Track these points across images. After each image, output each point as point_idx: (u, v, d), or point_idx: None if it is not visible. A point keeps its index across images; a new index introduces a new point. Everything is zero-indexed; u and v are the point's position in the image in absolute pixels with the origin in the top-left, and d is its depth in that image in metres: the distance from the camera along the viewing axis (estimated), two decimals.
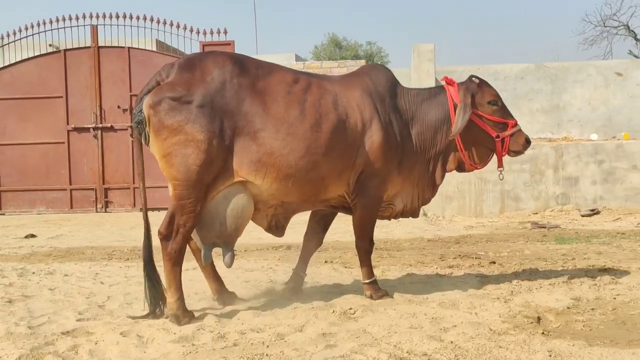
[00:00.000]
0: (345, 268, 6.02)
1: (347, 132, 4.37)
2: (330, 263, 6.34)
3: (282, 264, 6.29)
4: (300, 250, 4.91)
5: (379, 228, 8.92)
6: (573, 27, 52.58)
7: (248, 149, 4.15)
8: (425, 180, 4.72)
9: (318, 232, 4.87)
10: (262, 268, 6.09)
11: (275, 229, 4.55)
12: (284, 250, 7.19)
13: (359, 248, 4.65)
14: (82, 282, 5.56)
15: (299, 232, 4.98)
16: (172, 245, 4.14)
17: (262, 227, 4.56)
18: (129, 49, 11.81)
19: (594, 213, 9.77)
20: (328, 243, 7.70)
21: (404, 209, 4.77)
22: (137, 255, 7.10)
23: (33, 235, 8.90)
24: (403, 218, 4.87)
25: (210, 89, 4.12)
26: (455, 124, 4.58)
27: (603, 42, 23.71)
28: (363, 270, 4.65)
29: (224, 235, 4.27)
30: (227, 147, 4.12)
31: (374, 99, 4.52)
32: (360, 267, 4.68)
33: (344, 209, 4.69)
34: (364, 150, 4.41)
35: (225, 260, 4.34)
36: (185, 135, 4.05)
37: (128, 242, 8.23)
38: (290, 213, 4.55)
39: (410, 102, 4.69)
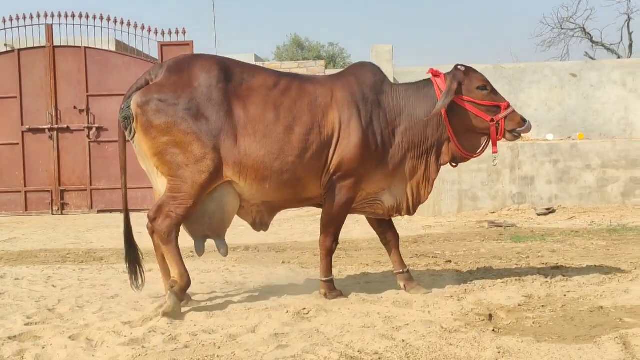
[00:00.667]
0: (302, 269, 6.01)
1: (322, 132, 4.43)
2: (288, 263, 6.33)
3: (238, 265, 6.25)
4: (389, 255, 4.97)
5: None
6: (531, 29, 53.32)
7: (231, 151, 4.30)
8: (419, 176, 4.70)
9: (386, 231, 4.92)
10: (218, 269, 6.04)
11: (260, 225, 4.65)
12: (242, 252, 7.15)
13: (321, 245, 4.66)
14: (33, 285, 5.45)
15: (257, 234, 4.96)
16: (161, 226, 4.33)
17: (247, 222, 4.68)
18: (86, 49, 11.65)
19: (550, 212, 9.92)
20: (286, 244, 7.70)
21: (399, 206, 4.74)
22: (92, 258, 7.01)
23: None
24: (400, 215, 4.85)
25: (197, 93, 4.29)
26: (436, 107, 4.55)
27: (560, 44, 24.16)
28: (321, 268, 4.66)
29: (214, 230, 4.48)
30: (213, 148, 4.27)
31: (356, 99, 4.54)
32: (320, 263, 4.68)
33: None
34: (341, 150, 4.45)
35: (222, 251, 4.56)
36: (173, 137, 4.24)
37: (83, 244, 8.11)
38: (275, 210, 4.63)
39: (398, 98, 4.68)
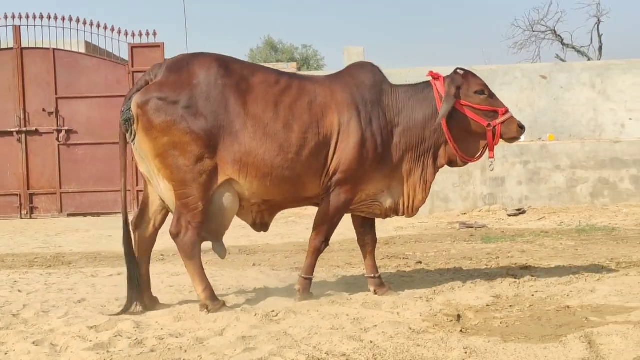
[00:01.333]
0: (273, 271, 5.99)
1: (320, 132, 4.41)
2: (258, 266, 6.31)
3: (209, 268, 6.17)
4: (363, 258, 4.92)
5: (309, 230, 8.91)
6: (503, 31, 53.78)
7: (231, 148, 4.27)
8: (416, 178, 4.68)
9: (366, 233, 4.88)
10: (187, 272, 5.97)
11: (260, 226, 4.62)
12: (212, 254, 7.07)
13: (310, 242, 4.65)
14: None
15: (227, 236, 4.91)
16: (183, 241, 4.31)
17: (247, 222, 4.64)
18: (54, 51, 11.51)
19: (520, 213, 10.01)
20: (258, 246, 7.67)
21: (396, 207, 4.71)
22: (60, 262, 6.92)
23: None
24: (398, 216, 4.83)
25: (196, 91, 4.26)
26: (440, 114, 4.54)
27: (532, 46, 24.31)
28: (305, 264, 4.65)
29: (213, 232, 4.43)
30: (213, 146, 4.24)
31: (355, 99, 4.53)
32: (305, 259, 4.68)
33: None
34: (340, 151, 4.44)
35: (220, 254, 4.55)
36: (173, 137, 4.20)
37: (52, 248, 8.00)
38: (275, 210, 4.61)
39: (398, 99, 4.66)
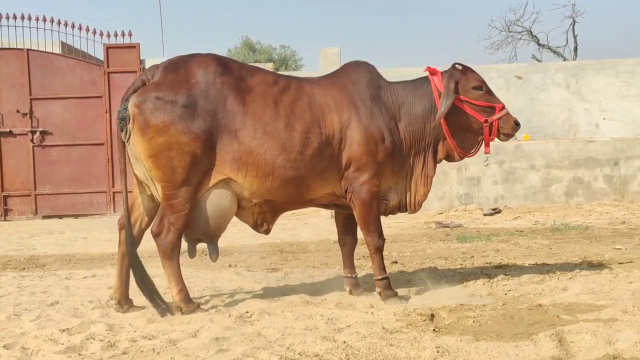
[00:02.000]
0: (249, 272, 5.98)
1: (322, 131, 4.41)
2: (234, 267, 6.29)
3: (184, 269, 6.09)
4: (342, 256, 4.94)
5: (286, 230, 8.95)
6: (480, 32, 54.13)
7: (230, 147, 4.25)
8: (418, 173, 4.69)
9: (347, 232, 4.89)
10: (163, 274, 5.92)
11: (261, 227, 4.59)
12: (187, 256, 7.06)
13: (368, 244, 4.63)
14: None
15: None
16: (164, 241, 4.29)
17: (248, 224, 4.62)
18: (28, 51, 11.37)
19: (496, 212, 10.08)
20: (234, 247, 7.65)
21: (400, 204, 4.74)
22: (34, 265, 6.84)
23: None
24: (401, 213, 4.85)
25: (194, 90, 4.24)
26: (440, 110, 4.55)
27: (508, 46, 24.46)
28: (374, 267, 4.63)
29: (208, 233, 4.39)
30: (211, 146, 4.23)
31: (354, 97, 4.53)
32: (372, 263, 4.67)
33: (337, 207, 4.71)
34: (346, 149, 4.44)
35: (212, 256, 4.49)
36: (170, 137, 4.16)
37: (26, 251, 7.91)
38: (278, 212, 4.60)
39: (396, 95, 4.67)
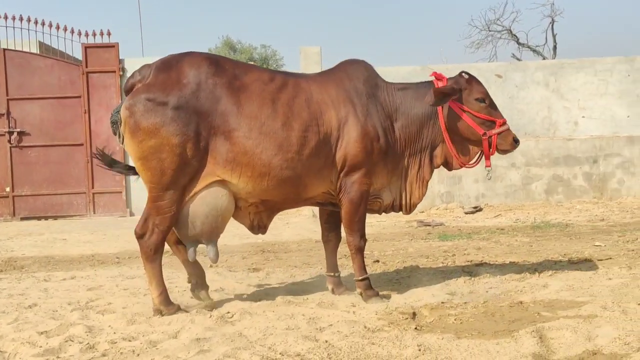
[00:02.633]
0: (230, 272, 5.96)
1: (320, 130, 4.37)
2: (215, 267, 6.24)
3: (165, 270, 6.06)
4: (325, 254, 4.90)
5: (268, 230, 8.89)
6: (460, 31, 54.42)
7: (223, 148, 4.21)
8: (413, 175, 4.67)
9: (331, 230, 4.85)
10: (143, 275, 5.84)
11: (258, 228, 4.57)
12: (169, 256, 7.01)
13: (349, 244, 4.60)
14: None
15: None
16: (147, 243, 4.26)
17: (244, 225, 4.59)
18: (5, 51, 11.23)
19: (477, 210, 10.13)
20: None
21: (394, 203, 4.72)
22: (11, 267, 6.76)
23: None
24: (394, 212, 4.83)
25: (186, 91, 4.18)
26: (431, 93, 4.49)
27: (488, 45, 24.54)
28: (355, 267, 4.61)
29: (205, 234, 4.34)
30: (203, 147, 4.19)
31: (351, 94, 4.50)
32: (352, 263, 4.64)
33: (333, 206, 4.67)
34: (342, 147, 4.41)
35: (211, 257, 4.42)
36: (161, 139, 4.11)
37: (3, 253, 7.80)
38: (274, 211, 4.57)
39: (394, 95, 4.64)
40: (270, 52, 34.09)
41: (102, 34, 11.49)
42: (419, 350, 3.32)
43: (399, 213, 4.87)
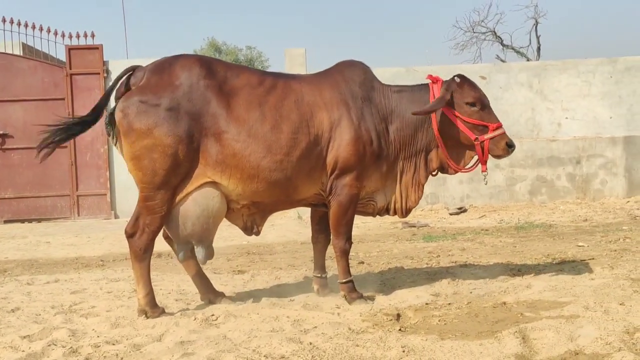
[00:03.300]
0: (215, 274, 5.93)
1: (311, 131, 4.36)
2: None
3: None
4: (313, 255, 4.90)
5: None
6: (445, 32, 54.60)
7: (214, 150, 4.23)
8: (408, 178, 4.66)
9: (321, 231, 4.85)
10: (127, 278, 5.89)
11: (251, 230, 4.56)
12: (154, 259, 6.97)
13: (335, 246, 4.60)
14: None
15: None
16: (137, 243, 4.27)
17: (238, 226, 4.59)
18: None
19: (461, 211, 10.17)
20: None
21: (389, 206, 4.71)
22: None
23: None
24: (389, 215, 4.82)
25: (178, 93, 4.22)
26: (424, 107, 4.50)
27: (473, 47, 24.61)
28: (339, 270, 4.60)
29: (196, 235, 4.34)
30: (194, 149, 4.22)
31: (346, 97, 4.48)
32: (337, 266, 4.64)
33: (326, 207, 4.65)
34: (334, 149, 4.40)
35: (200, 258, 4.43)
36: (153, 139, 4.15)
37: None
38: (267, 213, 4.57)
39: (389, 97, 4.63)
40: (256, 53, 34.03)
41: (86, 36, 11.44)
42: (403, 352, 3.34)
43: (398, 217, 4.87)
